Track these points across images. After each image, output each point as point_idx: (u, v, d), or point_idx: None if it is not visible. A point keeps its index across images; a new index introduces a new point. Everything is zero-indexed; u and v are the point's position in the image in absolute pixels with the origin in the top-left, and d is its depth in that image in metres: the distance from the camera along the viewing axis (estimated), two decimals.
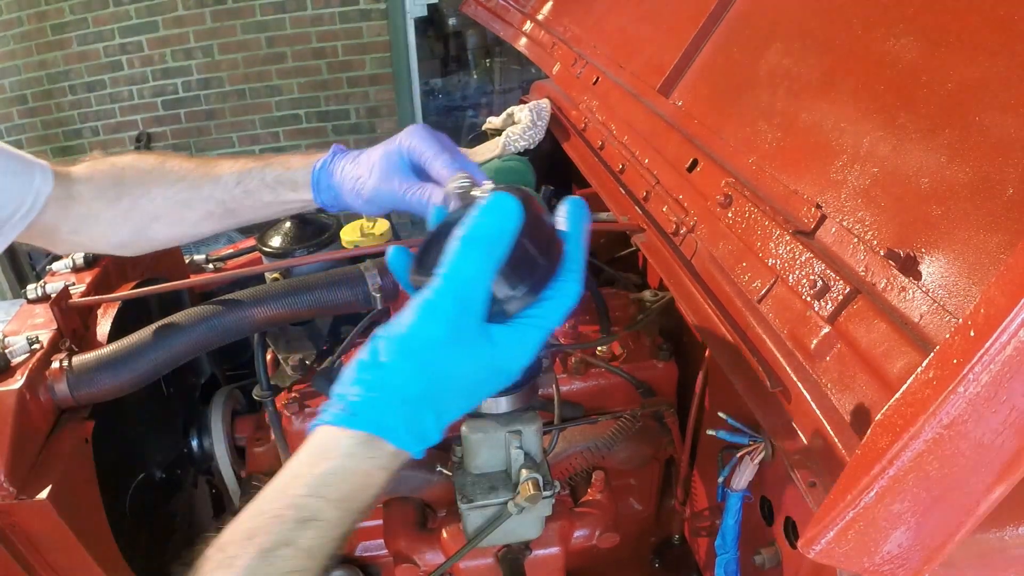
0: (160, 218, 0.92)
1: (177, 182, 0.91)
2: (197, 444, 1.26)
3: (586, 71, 1.46)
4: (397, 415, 0.53)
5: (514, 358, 0.55)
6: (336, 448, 0.54)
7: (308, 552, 0.51)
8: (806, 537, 0.50)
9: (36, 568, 0.89)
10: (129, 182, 0.92)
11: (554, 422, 1.01)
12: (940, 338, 0.54)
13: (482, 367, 0.54)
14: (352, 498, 0.53)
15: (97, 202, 0.92)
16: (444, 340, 0.52)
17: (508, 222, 0.51)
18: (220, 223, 0.93)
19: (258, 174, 0.90)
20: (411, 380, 0.53)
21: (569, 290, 0.56)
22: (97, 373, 0.93)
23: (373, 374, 0.54)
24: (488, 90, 5.43)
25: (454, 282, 0.51)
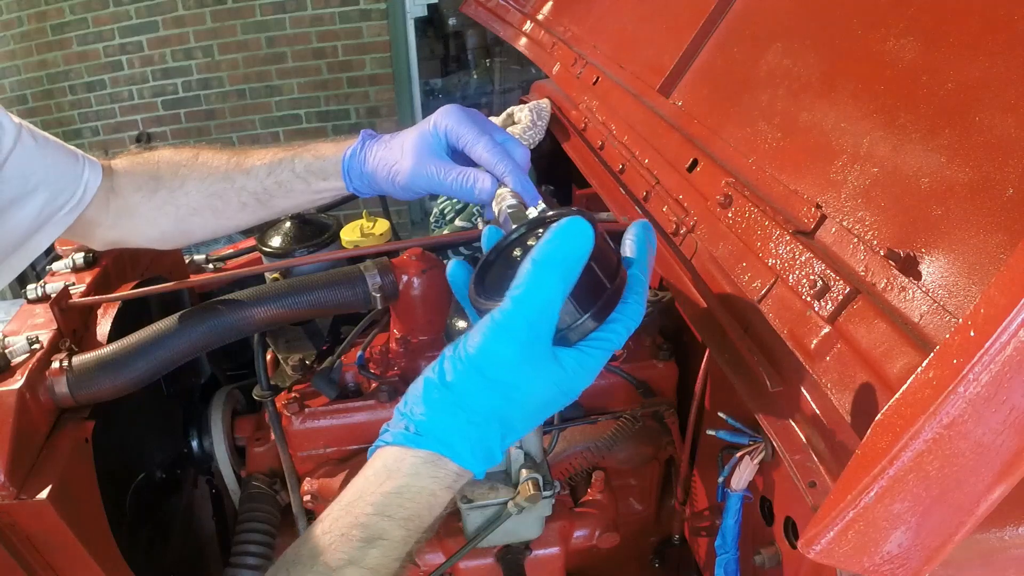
0: (197, 211, 0.93)
1: (210, 175, 0.92)
2: (197, 444, 1.26)
3: (586, 71, 1.46)
4: (464, 435, 0.54)
5: (579, 380, 0.56)
6: (401, 468, 0.54)
7: (373, 571, 0.51)
8: (806, 537, 0.50)
9: (36, 568, 0.89)
10: (165, 176, 0.93)
11: (554, 422, 1.01)
12: (940, 338, 0.54)
13: (548, 389, 0.54)
14: (417, 516, 0.54)
15: (136, 195, 0.93)
16: (514, 362, 0.52)
17: (582, 247, 0.52)
18: (255, 214, 0.94)
19: (288, 165, 0.90)
20: (480, 401, 0.53)
21: (634, 313, 0.57)
22: (97, 373, 0.93)
23: (441, 394, 0.54)
24: (488, 90, 5.43)
25: (527, 306, 0.51)
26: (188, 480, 1.33)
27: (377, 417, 1.07)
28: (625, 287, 0.57)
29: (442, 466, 0.54)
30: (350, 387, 1.12)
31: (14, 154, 0.84)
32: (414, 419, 0.55)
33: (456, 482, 0.55)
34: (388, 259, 1.07)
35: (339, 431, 1.08)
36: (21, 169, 0.85)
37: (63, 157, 0.89)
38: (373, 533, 0.52)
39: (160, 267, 1.37)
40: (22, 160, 0.85)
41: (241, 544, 1.11)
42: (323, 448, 1.10)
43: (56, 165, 0.88)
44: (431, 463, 0.54)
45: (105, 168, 0.93)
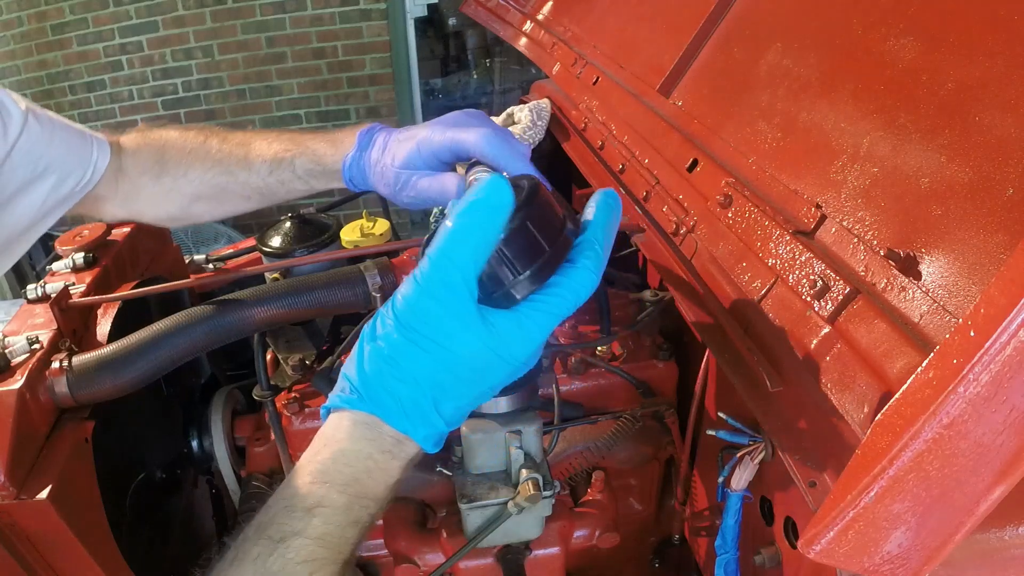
0: (200, 198, 0.95)
1: (214, 166, 0.93)
2: (197, 444, 1.26)
3: (586, 71, 1.46)
4: (394, 394, 0.52)
5: (516, 345, 0.53)
6: (337, 433, 0.53)
7: (320, 540, 0.50)
8: (806, 537, 0.50)
9: (36, 568, 0.89)
10: (170, 160, 0.94)
11: (554, 422, 1.01)
12: (940, 338, 0.54)
13: (480, 352, 0.52)
14: (357, 482, 0.52)
15: (142, 177, 0.95)
16: (436, 320, 0.51)
17: (497, 204, 0.50)
18: (256, 205, 0.96)
19: (288, 166, 0.91)
20: (406, 358, 0.52)
21: (580, 279, 0.54)
22: (97, 373, 0.93)
23: (372, 350, 0.53)
24: (488, 90, 5.43)
25: (441, 265, 0.51)
26: (188, 480, 1.33)
27: None
28: (572, 251, 0.55)
29: (376, 428, 0.53)
30: None
31: (22, 140, 0.84)
32: (348, 379, 0.54)
33: (396, 448, 0.53)
34: (388, 259, 1.07)
35: None
36: (30, 154, 0.85)
37: (71, 138, 0.90)
38: (313, 501, 0.51)
39: (160, 267, 1.37)
40: (30, 145, 0.85)
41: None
42: None
43: (64, 147, 0.89)
44: (366, 424, 0.53)
45: (113, 146, 0.94)
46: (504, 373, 0.55)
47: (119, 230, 1.30)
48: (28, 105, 0.87)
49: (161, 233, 1.42)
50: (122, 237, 1.28)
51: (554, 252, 0.54)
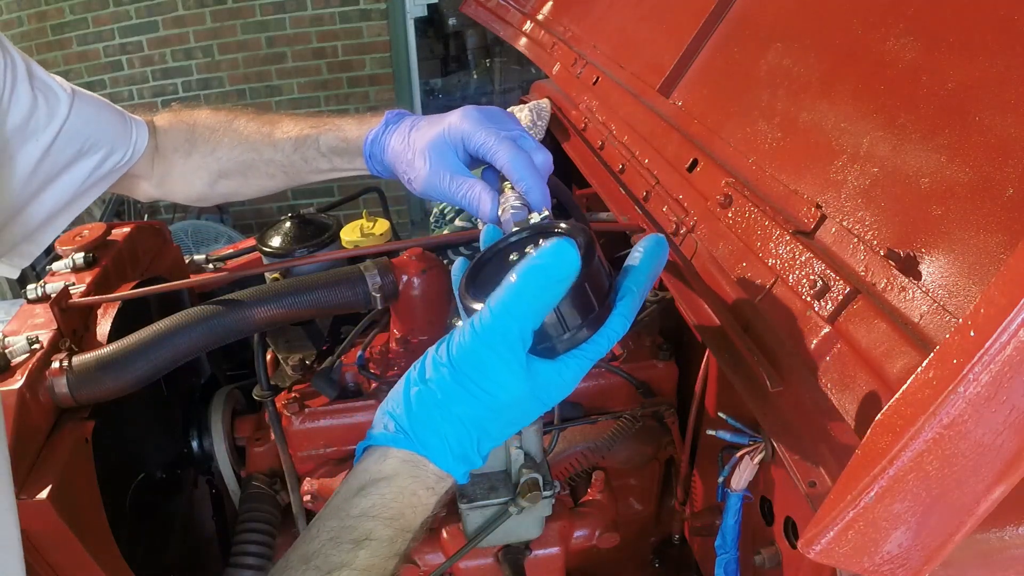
0: (226, 175, 0.97)
1: (241, 143, 0.95)
2: (197, 444, 1.26)
3: (586, 71, 1.46)
4: (441, 435, 0.55)
5: (556, 390, 0.56)
6: (383, 468, 0.55)
7: (366, 572, 0.52)
8: (806, 537, 0.50)
9: (36, 568, 0.89)
10: (199, 139, 0.96)
11: (554, 422, 1.01)
12: (940, 338, 0.54)
13: (524, 398, 0.55)
14: (403, 517, 0.54)
15: (174, 155, 0.98)
16: (489, 370, 0.53)
17: (566, 271, 0.52)
18: (282, 184, 0.98)
19: (313, 143, 0.92)
20: (456, 403, 0.54)
21: (617, 326, 0.58)
22: (97, 373, 0.93)
23: (420, 393, 0.55)
24: (488, 90, 5.43)
25: (503, 318, 0.52)
26: (188, 480, 1.33)
27: None
28: (615, 302, 0.58)
29: (422, 466, 0.55)
30: (350, 387, 1.12)
31: (70, 121, 0.86)
32: (395, 417, 0.56)
33: (438, 484, 0.56)
34: (388, 259, 1.07)
35: (339, 431, 1.08)
36: (78, 134, 0.88)
37: (114, 118, 0.92)
38: (360, 534, 0.53)
39: (160, 267, 1.37)
40: (78, 125, 0.87)
41: (241, 544, 1.12)
42: (323, 448, 1.10)
43: (109, 126, 0.91)
44: (411, 463, 0.55)
45: (149, 125, 0.96)
46: (539, 413, 0.58)
47: (119, 230, 1.30)
48: (74, 87, 0.90)
49: (161, 233, 1.42)
50: (122, 237, 1.28)
51: (602, 311, 0.57)
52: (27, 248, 0.90)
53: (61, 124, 0.85)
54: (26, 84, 0.82)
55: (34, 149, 0.84)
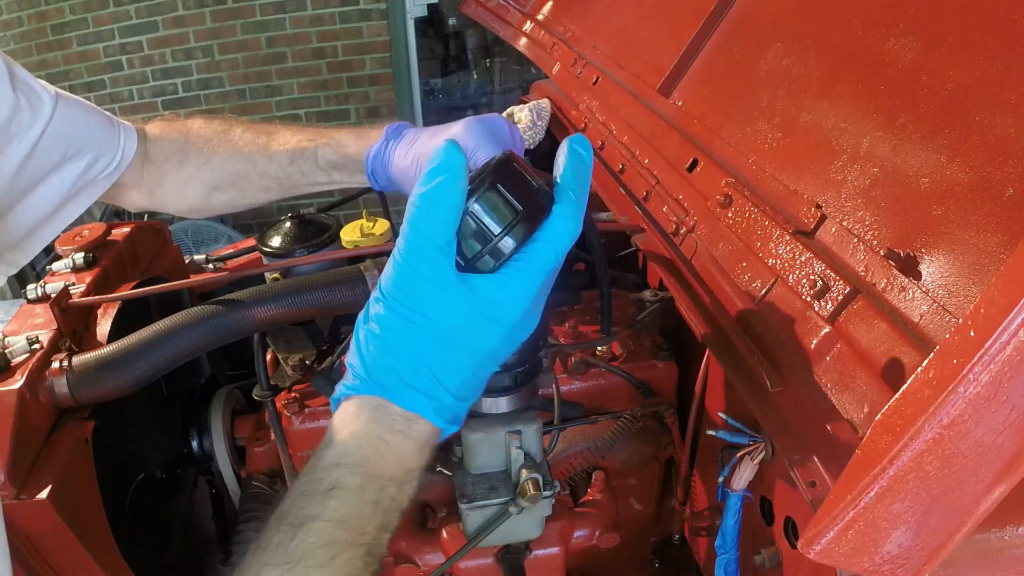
0: (219, 187, 0.95)
1: (235, 154, 0.93)
2: (197, 444, 1.26)
3: (586, 71, 1.46)
4: (392, 372, 0.53)
5: (504, 307, 0.53)
6: (346, 418, 0.54)
7: (339, 523, 0.50)
8: (806, 537, 0.50)
9: (36, 568, 0.89)
10: (192, 148, 0.94)
11: (554, 422, 1.01)
12: (940, 338, 0.54)
13: (469, 318, 0.52)
14: (368, 462, 0.53)
15: (166, 164, 0.95)
16: (419, 293, 0.52)
17: (450, 166, 0.51)
18: (277, 196, 0.95)
19: (311, 156, 0.91)
20: (398, 335, 0.53)
21: (558, 229, 0.54)
22: (97, 373, 0.93)
23: (367, 334, 0.54)
24: (488, 90, 5.43)
25: (413, 235, 0.52)
26: (188, 480, 1.33)
27: None
28: (550, 206, 0.55)
29: (384, 409, 0.54)
30: None
31: (53, 123, 0.84)
32: (351, 365, 0.55)
33: (408, 427, 0.54)
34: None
35: None
36: (63, 137, 0.86)
37: (101, 122, 0.90)
38: (328, 485, 0.51)
39: (160, 267, 1.37)
40: (62, 128, 0.85)
41: (241, 544, 1.11)
42: None
43: (95, 130, 0.89)
44: (372, 407, 0.54)
45: (139, 132, 0.94)
46: (498, 337, 0.54)
47: (119, 230, 1.30)
48: (58, 90, 0.88)
49: (161, 233, 1.42)
50: (122, 237, 1.28)
51: (529, 211, 0.54)
52: (13, 257, 0.88)
53: (44, 126, 0.83)
54: (7, 85, 0.80)
55: (17, 150, 0.82)
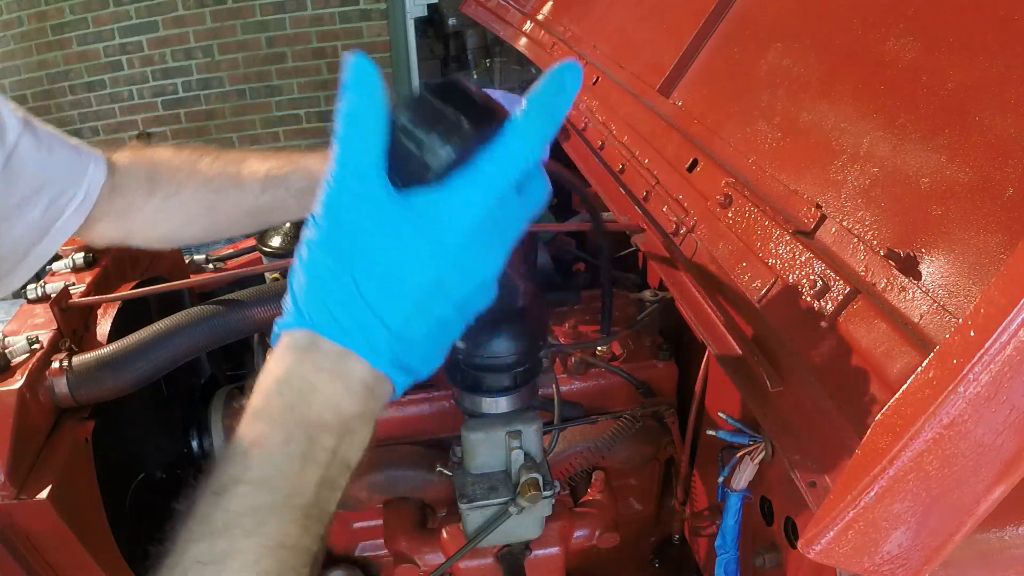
0: (191, 220, 0.92)
1: (205, 185, 0.90)
2: (197, 444, 1.26)
3: (586, 71, 1.46)
4: (318, 300, 0.46)
5: (444, 225, 0.45)
6: (272, 360, 0.47)
7: (262, 485, 0.44)
8: (806, 537, 0.50)
9: (36, 568, 0.89)
10: (162, 179, 0.91)
11: (554, 422, 1.01)
12: (940, 338, 0.54)
13: (406, 238, 0.45)
14: (293, 410, 0.45)
15: (134, 195, 0.91)
16: (347, 208, 0.46)
17: (360, 73, 0.46)
18: (250, 229, 0.94)
19: (283, 183, 0.88)
20: (325, 259, 0.46)
21: (509, 148, 0.46)
22: (97, 373, 0.93)
23: (300, 260, 0.47)
24: None
25: (340, 152, 0.46)
26: (188, 480, 1.33)
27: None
28: (500, 125, 0.48)
29: (313, 346, 0.46)
30: None
31: (20, 147, 0.80)
32: (285, 300, 0.48)
33: (338, 365, 0.46)
34: None
35: None
36: (31, 166, 0.82)
37: (67, 152, 0.87)
38: (248, 442, 0.44)
39: (160, 267, 1.37)
40: (29, 155, 0.82)
41: None
42: None
43: (61, 161, 0.85)
44: (301, 346, 0.46)
45: (108, 163, 0.91)
46: (441, 261, 0.46)
47: None
48: (25, 115, 0.83)
49: None
50: None
51: (469, 123, 0.47)
52: None
53: (12, 149, 0.79)
54: None
55: None
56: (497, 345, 0.85)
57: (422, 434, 1.09)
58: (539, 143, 0.47)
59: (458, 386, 0.91)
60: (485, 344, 0.86)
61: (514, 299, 0.89)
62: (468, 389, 0.90)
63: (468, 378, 0.90)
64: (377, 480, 1.04)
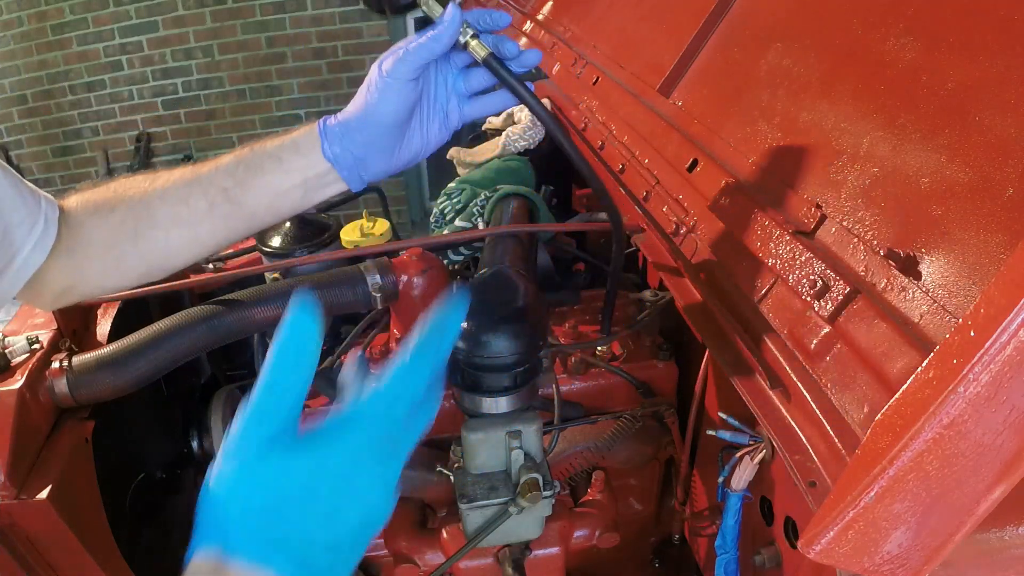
0: (158, 224, 0.77)
1: (171, 181, 0.78)
2: (197, 444, 1.26)
3: (586, 71, 1.46)
4: (227, 531, 0.50)
5: (333, 462, 0.50)
6: None
7: None
8: (806, 537, 0.50)
9: (36, 568, 0.89)
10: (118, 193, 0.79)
11: (554, 422, 1.01)
12: (940, 338, 0.54)
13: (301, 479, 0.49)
14: None
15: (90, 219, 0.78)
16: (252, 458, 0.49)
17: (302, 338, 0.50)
18: (226, 222, 0.77)
19: (258, 149, 0.77)
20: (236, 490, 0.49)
21: (393, 390, 0.52)
22: (97, 373, 0.93)
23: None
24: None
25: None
26: (188, 480, 1.33)
27: None
28: None
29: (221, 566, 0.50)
30: None
31: None
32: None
33: None
34: (388, 259, 1.07)
35: None
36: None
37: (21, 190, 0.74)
38: None
39: None
40: None
41: None
42: None
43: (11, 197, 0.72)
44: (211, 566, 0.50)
45: (62, 211, 0.78)
46: (337, 488, 0.51)
47: None
48: None
49: None
50: None
51: None
52: None
53: None
54: None
55: None
56: (497, 345, 0.85)
57: None
58: (422, 382, 0.52)
59: (458, 386, 0.91)
60: (485, 344, 0.86)
61: (514, 299, 0.89)
62: (468, 389, 0.90)
63: (468, 378, 0.90)
64: None
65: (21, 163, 4.26)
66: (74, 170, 4.34)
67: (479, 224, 1.36)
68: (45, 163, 4.32)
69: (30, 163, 4.30)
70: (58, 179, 4.37)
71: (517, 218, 1.25)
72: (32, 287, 0.77)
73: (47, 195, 0.78)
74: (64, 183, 4.37)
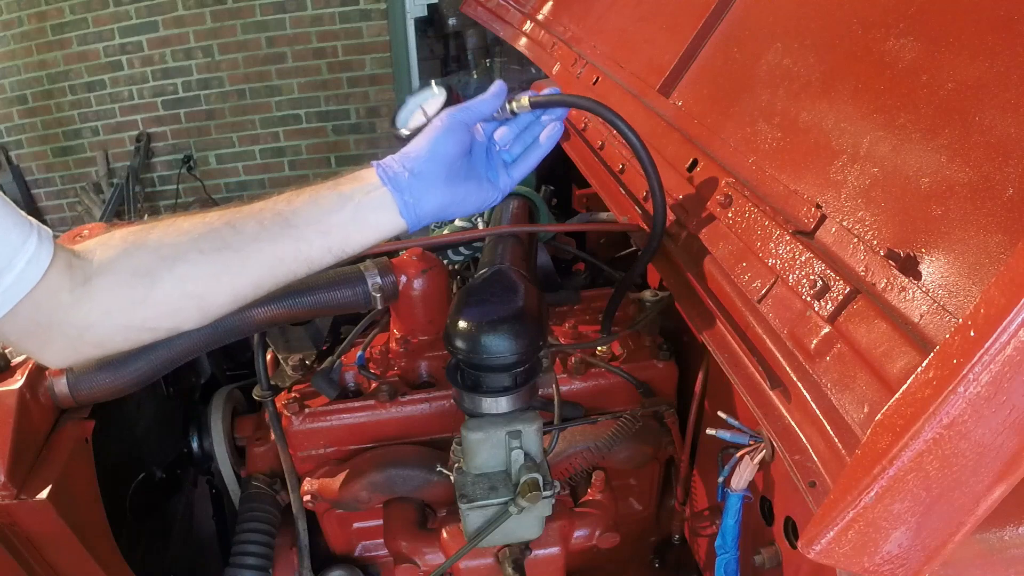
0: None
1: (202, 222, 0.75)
2: (197, 444, 1.26)
3: (586, 71, 1.46)
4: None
5: None
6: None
7: None
8: (806, 537, 0.50)
9: (36, 568, 0.89)
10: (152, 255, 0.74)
11: (554, 422, 1.01)
12: (940, 338, 0.54)
13: None
14: None
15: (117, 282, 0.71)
16: None
17: None
18: (295, 268, 0.76)
19: (315, 190, 0.75)
20: None
21: None
22: (97, 373, 0.93)
23: None
24: None
25: None
26: (188, 480, 1.33)
27: (377, 417, 1.07)
28: None
29: None
30: (350, 387, 1.12)
31: None
32: None
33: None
34: (388, 259, 1.07)
35: (339, 431, 1.08)
36: None
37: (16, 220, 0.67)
38: None
39: None
40: None
41: (241, 544, 1.11)
42: (323, 448, 1.10)
43: None
44: None
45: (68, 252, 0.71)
46: None
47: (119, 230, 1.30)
48: None
49: None
50: None
51: None
52: None
53: None
54: None
55: None
56: (497, 345, 0.85)
57: (422, 434, 1.09)
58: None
59: (458, 386, 0.91)
60: (485, 344, 0.86)
61: (514, 299, 0.89)
62: (468, 389, 0.90)
63: (468, 378, 0.90)
64: (377, 480, 1.04)
65: (21, 163, 4.26)
66: (74, 170, 4.34)
67: (479, 224, 1.36)
68: (45, 163, 4.32)
69: (30, 163, 4.30)
70: (58, 179, 4.37)
71: (517, 218, 1.25)
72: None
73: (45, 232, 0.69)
74: (64, 183, 4.37)
